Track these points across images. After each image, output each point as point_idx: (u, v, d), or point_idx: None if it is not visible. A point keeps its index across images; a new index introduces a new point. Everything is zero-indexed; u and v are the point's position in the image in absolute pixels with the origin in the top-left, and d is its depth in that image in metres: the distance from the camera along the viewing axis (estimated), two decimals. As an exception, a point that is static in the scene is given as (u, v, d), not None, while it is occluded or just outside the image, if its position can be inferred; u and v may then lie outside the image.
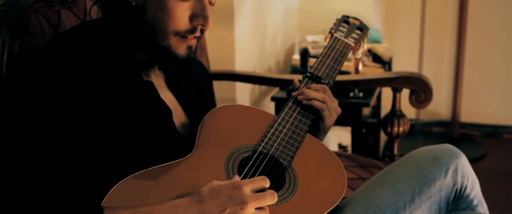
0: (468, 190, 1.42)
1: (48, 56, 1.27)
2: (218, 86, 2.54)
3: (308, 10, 3.59)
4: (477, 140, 3.90)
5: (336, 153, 2.23)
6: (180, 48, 1.32)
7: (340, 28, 1.76)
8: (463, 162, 1.43)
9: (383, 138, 3.16)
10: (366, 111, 3.10)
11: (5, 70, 1.36)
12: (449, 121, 3.99)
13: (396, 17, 3.95)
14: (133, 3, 1.29)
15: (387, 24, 3.94)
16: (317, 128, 1.51)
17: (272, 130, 1.42)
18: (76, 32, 1.35)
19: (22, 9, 1.41)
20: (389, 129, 2.16)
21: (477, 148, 3.74)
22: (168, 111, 1.38)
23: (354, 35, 1.74)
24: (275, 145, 1.39)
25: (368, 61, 3.00)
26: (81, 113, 1.21)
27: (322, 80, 1.56)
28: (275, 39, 3.21)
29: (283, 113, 1.47)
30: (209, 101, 1.62)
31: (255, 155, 1.35)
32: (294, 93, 1.51)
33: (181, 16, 1.29)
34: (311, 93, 1.48)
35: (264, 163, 1.34)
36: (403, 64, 3.89)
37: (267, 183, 1.18)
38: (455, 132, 3.93)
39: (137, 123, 1.30)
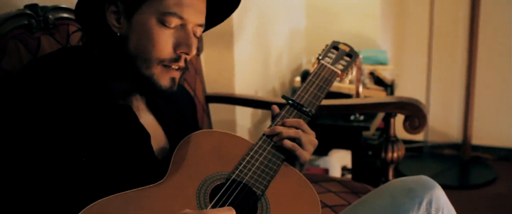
0: None
1: (22, 81, 1.28)
2: (218, 108, 2.55)
3: (316, 31, 3.58)
4: (488, 163, 3.85)
5: (332, 178, 2.23)
6: (163, 79, 1.33)
7: (329, 54, 1.75)
8: (438, 194, 1.41)
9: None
10: (369, 134, 3.08)
11: (-20, 96, 1.36)
12: (460, 143, 3.94)
13: (405, 39, 3.93)
14: (118, 34, 1.31)
15: (396, 46, 3.91)
16: (294, 163, 1.48)
17: (247, 158, 1.41)
18: (52, 58, 1.36)
19: (0, 36, 1.42)
20: (383, 155, 2.14)
21: (488, 172, 3.69)
22: (146, 135, 1.38)
23: (342, 62, 1.73)
24: (250, 173, 1.38)
25: (370, 84, 2.98)
26: (54, 139, 1.22)
27: (304, 108, 1.54)
28: (280, 60, 3.20)
29: (261, 141, 1.46)
30: (193, 126, 1.61)
31: (228, 183, 1.34)
32: (266, 131, 1.48)
33: (164, 44, 1.30)
34: (284, 132, 1.45)
35: (236, 191, 1.33)
36: (411, 86, 3.87)
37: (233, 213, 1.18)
38: (466, 155, 3.88)
39: (114, 147, 1.30)
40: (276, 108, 1.55)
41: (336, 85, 2.83)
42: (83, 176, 1.25)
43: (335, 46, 1.79)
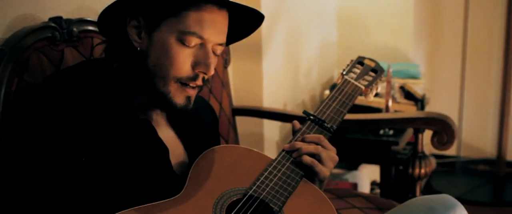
0: None
1: (44, 94, 1.30)
2: (246, 121, 2.54)
3: (348, 43, 3.56)
4: (524, 180, 3.77)
5: (358, 193, 2.21)
6: (179, 97, 1.33)
7: (354, 69, 1.73)
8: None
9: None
10: (400, 148, 3.04)
11: (2, 108, 1.38)
12: (494, 159, 3.86)
13: (438, 54, 3.88)
14: (138, 49, 1.31)
15: (429, 60, 3.87)
16: (313, 179, 1.46)
17: (265, 174, 1.40)
18: (74, 70, 1.38)
19: (23, 48, 1.43)
20: (410, 170, 2.11)
21: (524, 188, 3.63)
22: (165, 149, 1.39)
23: (367, 77, 1.72)
24: (267, 189, 1.37)
25: (400, 98, 2.95)
26: (74, 151, 1.23)
27: (325, 124, 1.52)
28: (310, 73, 3.19)
29: (280, 156, 1.45)
30: (214, 141, 1.61)
31: (245, 198, 1.34)
32: (285, 147, 1.47)
33: (183, 62, 1.30)
34: (303, 147, 1.44)
35: (253, 207, 1.32)
36: (444, 101, 3.83)
37: None
38: (500, 171, 3.80)
39: (132, 160, 1.31)
40: (297, 123, 1.53)
41: (366, 99, 2.80)
42: (100, 188, 1.26)
43: (360, 61, 1.77)
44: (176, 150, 1.44)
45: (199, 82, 1.34)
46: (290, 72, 2.94)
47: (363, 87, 1.67)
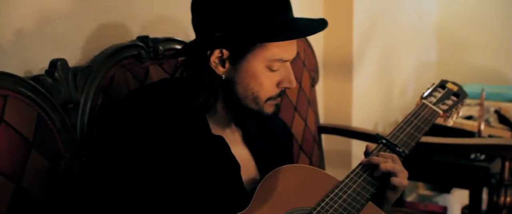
0: None
1: (125, 108, 1.38)
2: (335, 139, 2.55)
3: (447, 63, 3.50)
4: None
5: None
6: (269, 109, 1.43)
7: (434, 93, 1.72)
8: None
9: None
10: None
11: (87, 121, 1.48)
12: None
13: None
14: (223, 77, 1.39)
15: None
16: (383, 198, 1.46)
17: (331, 195, 1.41)
18: (155, 87, 1.45)
19: (109, 65, 1.53)
20: (494, 198, 2.06)
21: None
22: (236, 166, 1.44)
23: (448, 101, 1.70)
24: (331, 210, 1.37)
25: (495, 122, 2.86)
26: (150, 164, 1.30)
27: (398, 148, 1.52)
28: (405, 92, 3.16)
29: (348, 179, 1.45)
30: (286, 159, 1.64)
31: None
32: (363, 161, 1.49)
33: (272, 86, 1.41)
34: (382, 165, 1.43)
35: None
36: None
37: None
38: None
39: (204, 175, 1.37)
40: (370, 146, 1.54)
41: (460, 122, 2.75)
42: (171, 199, 1.32)
43: (442, 84, 1.75)
44: (248, 167, 1.49)
45: (283, 93, 1.45)
46: (382, 92, 2.93)
47: (441, 112, 1.66)
